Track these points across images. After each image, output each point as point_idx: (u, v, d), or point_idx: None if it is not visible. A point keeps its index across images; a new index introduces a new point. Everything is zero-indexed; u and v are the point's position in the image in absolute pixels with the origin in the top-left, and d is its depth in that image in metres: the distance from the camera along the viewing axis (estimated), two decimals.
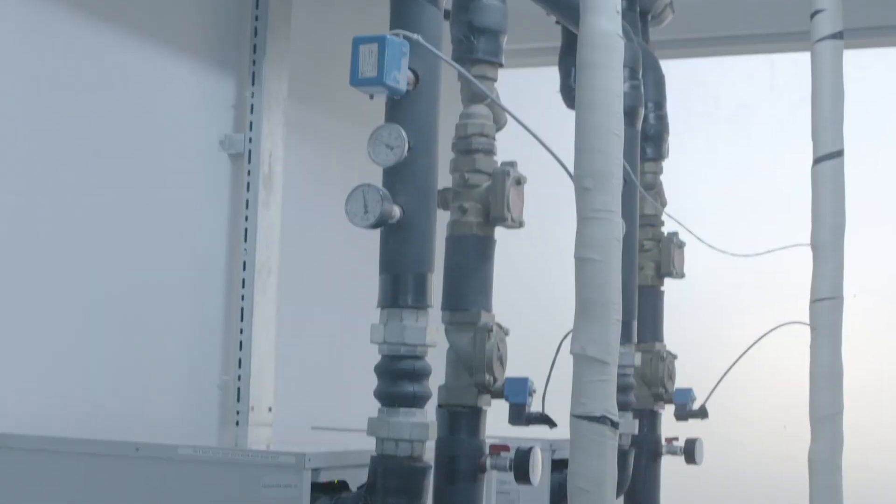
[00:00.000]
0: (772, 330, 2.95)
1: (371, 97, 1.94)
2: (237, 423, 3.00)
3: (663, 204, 3.10)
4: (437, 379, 2.06)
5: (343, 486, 2.02)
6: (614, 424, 1.98)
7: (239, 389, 3.01)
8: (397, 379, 1.94)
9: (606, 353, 1.97)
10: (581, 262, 1.98)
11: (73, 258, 2.61)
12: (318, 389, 3.36)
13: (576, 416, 1.98)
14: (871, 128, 3.93)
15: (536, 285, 4.20)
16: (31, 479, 2.11)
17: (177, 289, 2.92)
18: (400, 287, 1.95)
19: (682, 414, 3.08)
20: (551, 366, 2.18)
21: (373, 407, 1.97)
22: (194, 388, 2.97)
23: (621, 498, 2.96)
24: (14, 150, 2.47)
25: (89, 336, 2.65)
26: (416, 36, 1.91)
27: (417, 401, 1.95)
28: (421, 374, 1.95)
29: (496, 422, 2.23)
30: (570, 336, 2.04)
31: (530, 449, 2.09)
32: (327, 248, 3.38)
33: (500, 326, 2.11)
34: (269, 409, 3.05)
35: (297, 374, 3.25)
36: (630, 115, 2.72)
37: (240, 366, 3.02)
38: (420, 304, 1.96)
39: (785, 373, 3.72)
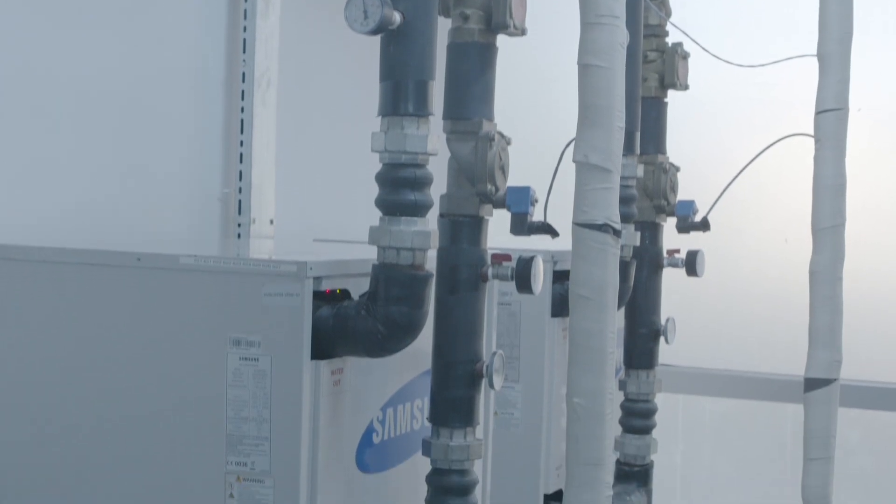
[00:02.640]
0: (776, 142, 2.93)
1: None
2: (238, 236, 3.00)
3: (668, 14, 3.04)
4: (438, 188, 2.04)
5: (345, 294, 2.02)
6: (616, 232, 1.98)
7: (240, 202, 3.01)
8: (398, 187, 1.93)
9: (609, 161, 1.96)
10: (584, 68, 1.96)
11: (68, 67, 2.58)
12: (320, 202, 3.35)
13: (577, 225, 1.98)
14: None
15: (538, 95, 4.15)
16: (31, 291, 2.11)
17: (176, 101, 2.89)
18: (400, 95, 1.92)
19: (684, 226, 3.07)
20: (553, 174, 2.17)
21: (375, 219, 1.97)
22: (195, 201, 2.97)
23: (622, 310, 2.98)
24: None
25: (89, 147, 2.64)
26: None
27: (419, 209, 1.94)
28: (422, 183, 1.94)
29: (498, 234, 2.22)
30: (572, 144, 2.03)
31: (532, 258, 2.09)
32: (327, 57, 3.34)
33: (501, 135, 2.08)
34: (271, 222, 3.05)
35: (299, 187, 3.25)
36: None
37: (240, 178, 3.01)
38: (421, 112, 1.93)
39: (787, 186, 3.72)
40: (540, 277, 2.11)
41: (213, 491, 1.96)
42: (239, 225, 3.00)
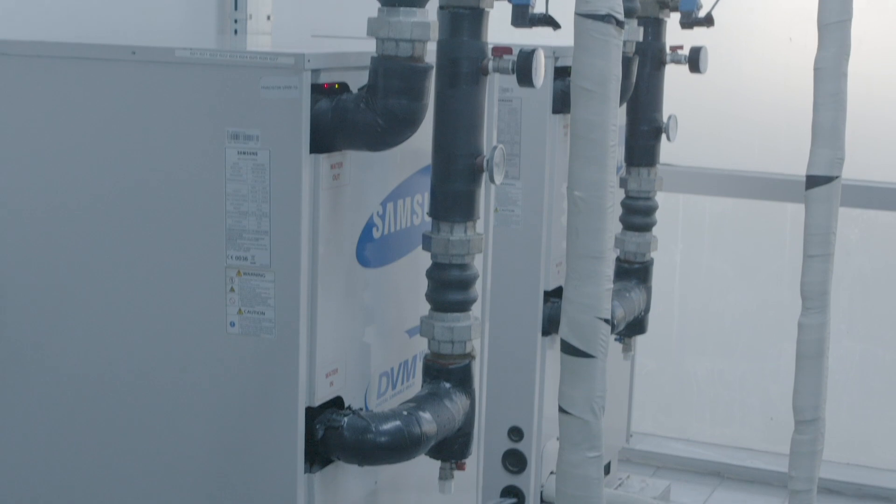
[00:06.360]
0: None
1: None
2: (235, 33, 2.96)
3: None
4: None
5: (344, 88, 1.99)
6: (619, 23, 1.95)
7: None
8: None
9: None
10: None
11: None
12: None
13: (580, 15, 1.94)
14: None
15: None
16: (26, 86, 2.08)
17: None
18: None
19: (688, 22, 3.02)
20: None
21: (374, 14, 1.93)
22: None
23: (624, 107, 2.95)
24: None
25: None
26: None
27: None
28: None
29: (499, 32, 2.18)
30: None
31: (533, 50, 2.06)
32: None
33: None
34: (268, 18, 3.00)
35: None
36: None
37: None
38: None
39: None
40: (541, 70, 2.08)
41: (213, 285, 1.97)
42: (235, 21, 2.95)
